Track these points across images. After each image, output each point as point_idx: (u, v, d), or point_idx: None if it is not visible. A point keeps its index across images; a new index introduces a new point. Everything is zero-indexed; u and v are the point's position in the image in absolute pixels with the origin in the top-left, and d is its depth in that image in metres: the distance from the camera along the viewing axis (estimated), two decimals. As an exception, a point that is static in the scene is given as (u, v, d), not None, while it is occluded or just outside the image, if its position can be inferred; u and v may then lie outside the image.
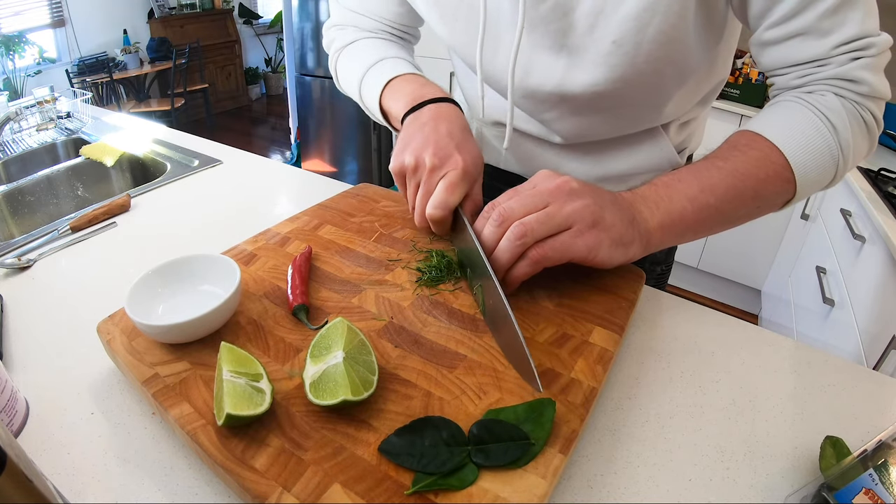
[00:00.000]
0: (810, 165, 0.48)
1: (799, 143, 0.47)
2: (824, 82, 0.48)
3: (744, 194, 0.48)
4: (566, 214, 0.44)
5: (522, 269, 0.45)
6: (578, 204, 0.45)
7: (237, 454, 0.35)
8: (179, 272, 0.49)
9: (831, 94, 0.48)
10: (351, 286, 0.52)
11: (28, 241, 0.69)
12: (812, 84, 0.49)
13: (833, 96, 0.48)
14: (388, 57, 0.65)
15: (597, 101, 0.56)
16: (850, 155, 0.48)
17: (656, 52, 0.50)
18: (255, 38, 5.35)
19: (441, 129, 0.54)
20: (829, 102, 0.47)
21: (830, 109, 0.47)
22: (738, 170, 0.48)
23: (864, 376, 0.48)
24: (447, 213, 0.52)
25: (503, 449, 0.34)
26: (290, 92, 3.25)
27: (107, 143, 1.07)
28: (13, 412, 0.41)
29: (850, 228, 1.34)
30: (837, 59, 0.47)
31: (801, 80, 0.49)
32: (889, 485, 0.31)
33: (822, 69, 0.48)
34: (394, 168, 0.55)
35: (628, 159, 0.65)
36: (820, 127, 0.47)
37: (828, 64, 0.47)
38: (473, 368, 0.41)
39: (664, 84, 0.56)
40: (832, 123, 0.47)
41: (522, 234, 0.44)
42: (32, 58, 3.72)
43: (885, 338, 1.10)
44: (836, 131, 0.47)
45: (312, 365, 0.39)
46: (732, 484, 0.38)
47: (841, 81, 0.47)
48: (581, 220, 0.45)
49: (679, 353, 0.49)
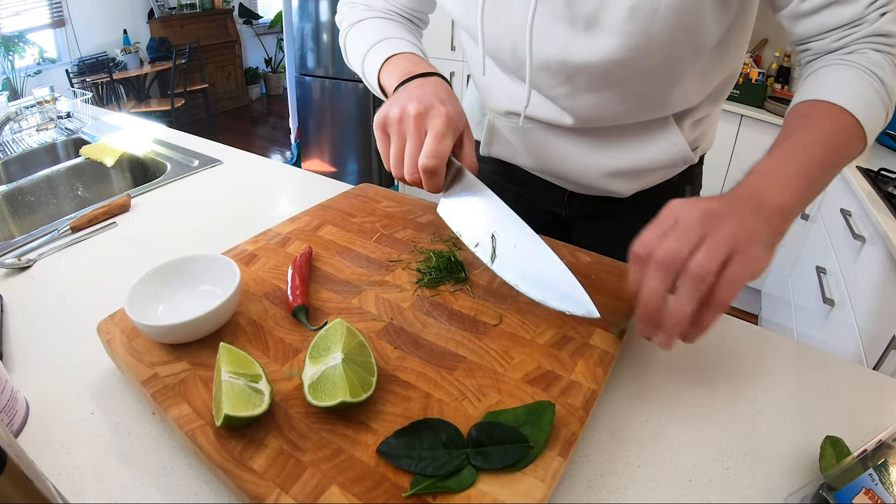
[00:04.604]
0: (874, 120, 0.52)
1: (863, 104, 0.51)
2: (862, 41, 0.52)
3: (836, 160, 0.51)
4: (727, 240, 0.41)
5: (711, 317, 0.41)
6: (729, 226, 0.42)
7: (235, 455, 0.35)
8: (179, 272, 0.49)
9: (872, 51, 0.52)
10: (351, 287, 0.52)
11: (28, 241, 0.69)
12: (852, 44, 0.53)
13: (874, 52, 0.52)
14: (391, 37, 0.66)
15: (611, 71, 0.57)
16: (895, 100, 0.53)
17: (672, 20, 0.51)
18: (255, 38, 5.35)
19: (426, 89, 0.56)
20: (874, 59, 0.52)
21: (877, 65, 0.51)
22: (829, 140, 0.51)
23: (864, 376, 0.48)
24: (441, 161, 0.51)
25: (502, 452, 0.34)
26: (290, 92, 3.25)
27: (107, 143, 1.07)
28: (13, 412, 0.41)
29: (850, 228, 1.34)
30: (870, 17, 0.51)
31: (839, 42, 0.53)
32: (889, 485, 0.31)
33: (858, 29, 0.52)
34: (377, 121, 0.55)
35: (642, 152, 0.65)
36: (874, 83, 0.51)
37: (863, 23, 0.51)
38: (473, 370, 0.41)
39: (678, 57, 0.56)
40: (880, 79, 0.51)
41: (701, 277, 0.39)
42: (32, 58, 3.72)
43: (885, 338, 1.10)
44: (884, 85, 0.51)
45: (311, 366, 0.39)
46: (732, 484, 0.37)
47: (877, 37, 0.52)
48: (739, 240, 0.41)
49: (679, 353, 0.49)
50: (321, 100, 3.04)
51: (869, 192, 1.33)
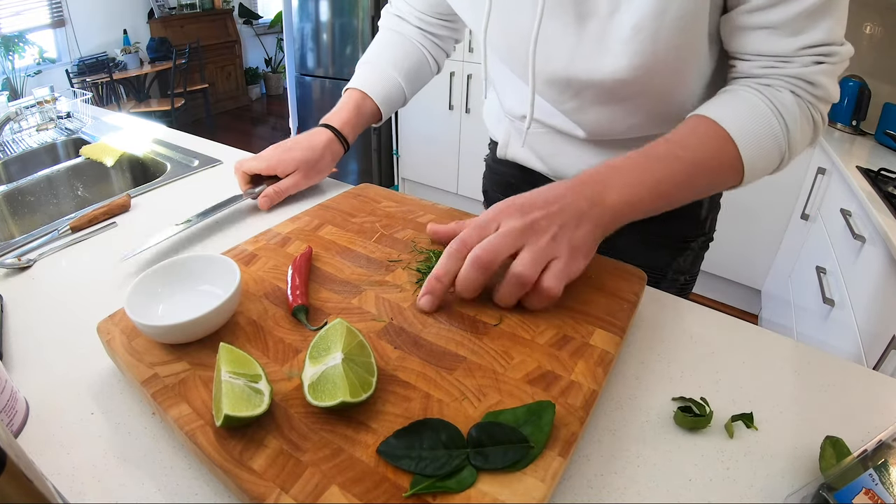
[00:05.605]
0: (759, 160, 0.51)
1: (753, 138, 0.50)
2: (784, 78, 0.50)
3: (697, 185, 0.52)
4: (546, 249, 0.46)
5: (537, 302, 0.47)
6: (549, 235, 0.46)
7: (235, 455, 0.35)
8: (179, 272, 0.49)
9: (788, 91, 0.50)
10: (351, 287, 0.52)
11: (28, 241, 0.69)
12: (772, 77, 0.51)
13: (790, 94, 0.50)
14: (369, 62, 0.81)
15: (619, 89, 0.57)
16: (795, 152, 0.52)
17: (675, 38, 0.51)
18: (255, 38, 5.35)
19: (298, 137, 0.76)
20: (786, 100, 0.50)
21: (786, 108, 0.50)
22: (697, 161, 0.50)
23: (864, 376, 0.48)
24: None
25: (502, 452, 0.34)
26: (290, 92, 3.25)
27: (107, 143, 1.07)
28: (13, 412, 0.41)
29: (850, 228, 1.34)
30: (801, 59, 0.49)
31: (762, 70, 0.51)
32: (889, 485, 0.31)
33: (784, 66, 0.50)
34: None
35: None
36: (774, 125, 0.50)
37: (791, 62, 0.50)
38: (473, 370, 0.41)
39: (685, 73, 0.56)
40: (786, 122, 0.50)
41: (523, 274, 0.45)
42: (32, 58, 3.72)
43: (885, 338, 1.10)
44: (787, 130, 0.50)
45: (311, 366, 0.39)
46: (732, 484, 0.37)
47: (800, 81, 0.50)
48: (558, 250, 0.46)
49: (679, 353, 0.49)
50: (321, 100, 3.04)
51: (869, 192, 1.33)
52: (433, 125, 2.71)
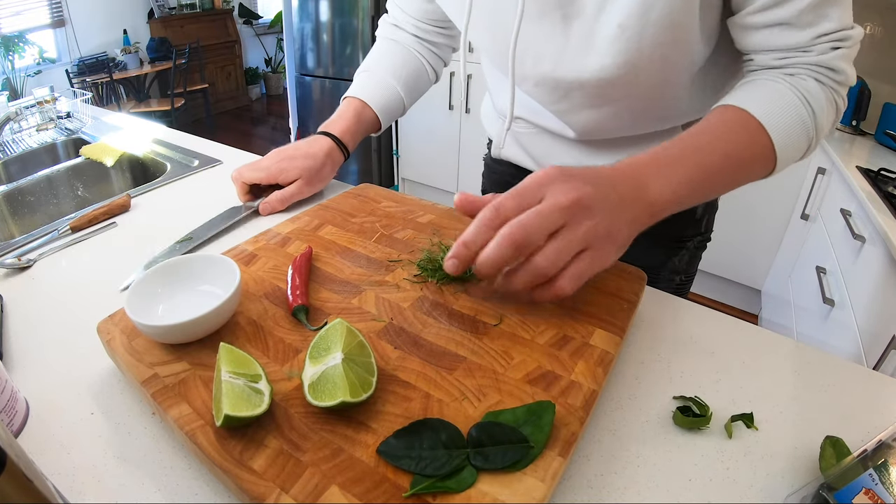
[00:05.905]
0: (790, 148, 0.51)
1: (784, 127, 0.50)
2: (806, 67, 0.51)
3: (732, 175, 0.51)
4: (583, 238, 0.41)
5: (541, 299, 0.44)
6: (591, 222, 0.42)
7: (235, 455, 0.35)
8: (179, 272, 0.49)
9: (812, 79, 0.51)
10: (351, 287, 0.52)
11: (28, 241, 0.69)
12: (793, 67, 0.51)
13: (814, 82, 0.51)
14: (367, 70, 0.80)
15: (607, 89, 0.57)
16: (821, 138, 0.52)
17: (661, 37, 0.51)
18: (255, 38, 5.35)
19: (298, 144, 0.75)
20: (811, 88, 0.50)
21: (812, 95, 0.50)
22: (730, 153, 0.50)
23: (864, 376, 0.48)
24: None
25: (502, 452, 0.34)
26: (290, 92, 3.25)
27: (107, 143, 1.07)
28: (13, 412, 0.41)
29: (850, 228, 1.34)
30: (819, 47, 0.50)
31: (781, 61, 0.52)
32: (889, 485, 0.31)
33: (804, 55, 0.50)
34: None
35: None
36: (802, 112, 0.50)
37: (810, 51, 0.50)
38: (473, 370, 0.41)
39: (673, 72, 0.56)
40: (813, 109, 0.50)
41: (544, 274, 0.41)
42: (32, 58, 3.72)
43: (885, 338, 1.10)
44: (814, 116, 0.50)
45: (311, 366, 0.39)
46: (732, 484, 0.37)
47: (822, 69, 0.50)
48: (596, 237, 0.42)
49: (679, 353, 0.49)
50: (321, 100, 3.04)
51: (869, 192, 1.33)
52: (433, 125, 2.71)
